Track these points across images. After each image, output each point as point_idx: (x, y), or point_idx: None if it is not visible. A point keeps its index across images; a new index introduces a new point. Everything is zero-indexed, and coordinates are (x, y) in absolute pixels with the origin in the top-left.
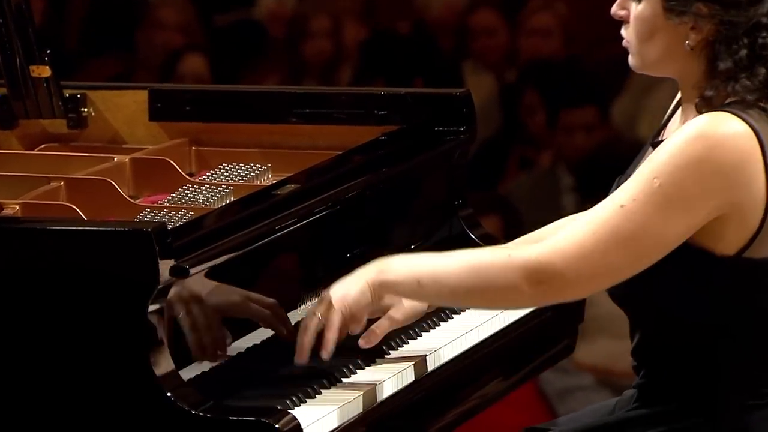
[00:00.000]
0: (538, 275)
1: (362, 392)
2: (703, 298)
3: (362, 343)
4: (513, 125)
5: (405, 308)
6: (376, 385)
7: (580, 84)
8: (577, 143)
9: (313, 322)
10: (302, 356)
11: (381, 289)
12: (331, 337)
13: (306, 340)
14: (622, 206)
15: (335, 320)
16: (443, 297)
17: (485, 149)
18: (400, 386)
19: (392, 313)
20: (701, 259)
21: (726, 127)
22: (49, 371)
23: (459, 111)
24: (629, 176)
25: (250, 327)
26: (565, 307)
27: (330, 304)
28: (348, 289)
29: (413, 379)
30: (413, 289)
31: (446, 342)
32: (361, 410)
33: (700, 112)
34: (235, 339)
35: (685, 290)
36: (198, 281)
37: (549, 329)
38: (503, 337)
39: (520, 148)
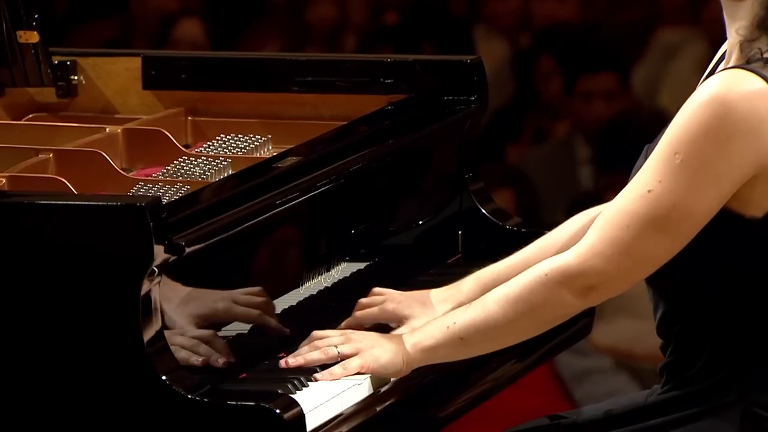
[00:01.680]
0: (583, 283)
1: (367, 377)
2: (729, 264)
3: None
4: (527, 94)
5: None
6: None
7: (598, 49)
8: (595, 112)
9: (330, 354)
10: (289, 366)
11: (419, 361)
12: (339, 377)
13: (308, 360)
14: (649, 191)
15: (352, 369)
16: (492, 343)
17: (497, 119)
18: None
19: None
20: (729, 222)
21: (740, 86)
22: (38, 354)
23: (470, 79)
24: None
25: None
26: None
27: (355, 352)
28: (379, 356)
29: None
30: (456, 347)
31: None
32: (366, 395)
33: (729, 59)
34: (233, 320)
35: (711, 255)
36: (195, 260)
37: None
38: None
39: (534, 118)
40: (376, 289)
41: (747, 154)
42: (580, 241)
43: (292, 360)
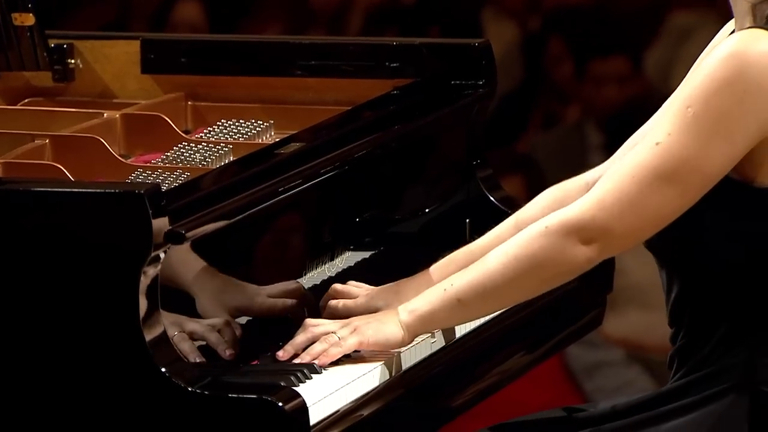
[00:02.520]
0: (584, 234)
1: (373, 368)
2: (740, 235)
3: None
4: (536, 78)
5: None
6: (387, 360)
7: (610, 32)
8: (607, 97)
9: (331, 342)
10: (286, 356)
11: (419, 328)
12: (334, 358)
13: (312, 355)
14: (657, 143)
15: (350, 346)
16: (491, 303)
17: (506, 104)
18: (415, 361)
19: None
20: (738, 191)
21: (760, 44)
22: (35, 347)
23: (478, 63)
24: None
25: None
26: (592, 276)
27: (354, 331)
28: (377, 329)
29: (429, 353)
30: (454, 310)
31: None
32: (371, 388)
33: (741, 28)
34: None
35: (721, 226)
36: (194, 248)
37: (575, 300)
38: (525, 308)
39: (544, 103)
40: (351, 282)
41: (762, 111)
42: (586, 193)
43: (290, 348)
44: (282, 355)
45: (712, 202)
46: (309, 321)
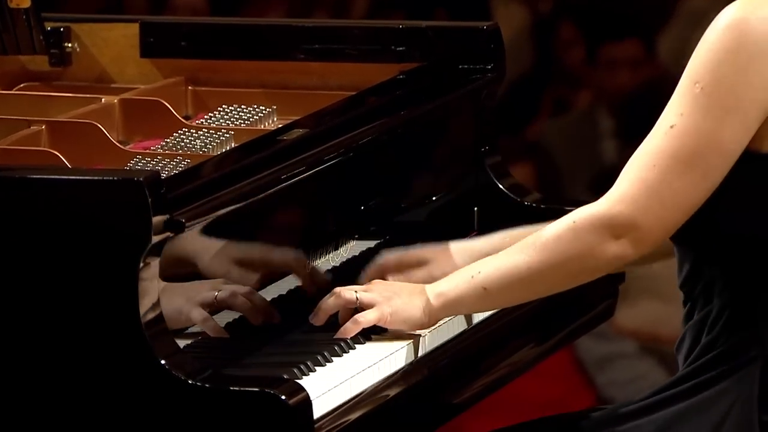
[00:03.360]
0: (612, 230)
1: (377, 361)
2: (750, 206)
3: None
4: (546, 62)
5: (446, 267)
6: (392, 353)
7: (622, 15)
8: (619, 82)
9: (347, 297)
10: (320, 320)
11: (442, 313)
12: (354, 329)
13: (323, 308)
14: (671, 126)
15: (368, 322)
16: (515, 294)
17: (515, 89)
18: (420, 354)
19: (433, 269)
20: (746, 160)
21: (759, 10)
22: (31, 339)
23: (486, 46)
24: None
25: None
26: None
27: (373, 302)
28: (403, 311)
29: (435, 345)
30: (480, 298)
31: None
32: (377, 380)
33: None
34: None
35: (732, 198)
36: (195, 236)
37: (586, 290)
38: (535, 299)
39: (555, 88)
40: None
41: None
42: (612, 187)
43: (314, 318)
44: (315, 322)
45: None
46: (337, 289)
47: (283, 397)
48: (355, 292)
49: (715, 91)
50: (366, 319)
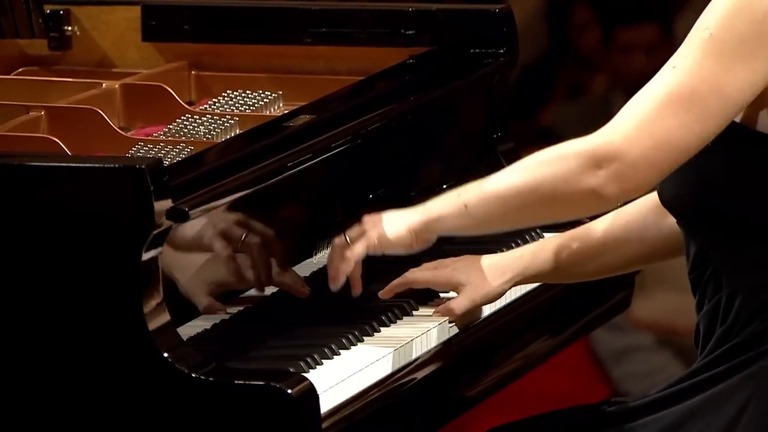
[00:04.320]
0: (595, 159)
1: (386, 354)
2: (755, 192)
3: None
4: (561, 46)
5: (485, 290)
6: (403, 344)
7: None
8: (635, 66)
9: (340, 240)
10: (336, 282)
11: (426, 231)
12: (345, 267)
13: (337, 264)
14: (674, 67)
15: (357, 254)
16: (492, 210)
17: (528, 74)
18: (431, 346)
19: (471, 293)
20: (751, 144)
21: None
22: (31, 330)
23: (498, 30)
24: None
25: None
26: None
27: (361, 230)
28: (388, 230)
29: (447, 338)
30: (461, 216)
31: None
32: (384, 375)
33: None
34: (241, 292)
35: (737, 183)
36: (198, 225)
37: (601, 280)
38: (549, 290)
39: (569, 73)
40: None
41: None
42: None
43: (332, 284)
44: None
45: (722, 148)
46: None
47: (289, 391)
48: (345, 234)
49: (725, 40)
50: (353, 252)
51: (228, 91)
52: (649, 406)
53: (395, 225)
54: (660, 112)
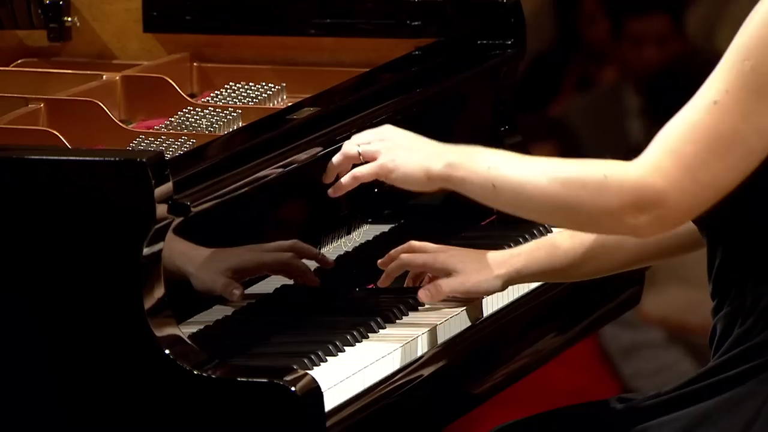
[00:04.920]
0: (639, 200)
1: (392, 350)
2: None
3: (423, 296)
4: (569, 37)
5: (478, 279)
6: (408, 342)
7: None
8: (646, 57)
9: (349, 152)
10: (336, 192)
11: (442, 183)
12: (351, 183)
13: (329, 167)
14: (715, 102)
15: (365, 175)
16: (520, 208)
17: (537, 66)
18: (438, 343)
19: (463, 278)
20: None
21: None
22: (30, 326)
23: (506, 21)
24: None
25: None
26: None
27: (375, 155)
28: (403, 164)
29: (453, 334)
30: (485, 190)
31: None
32: (390, 372)
33: None
34: (244, 287)
35: (764, 187)
36: (200, 220)
37: (611, 276)
38: (557, 286)
39: (578, 65)
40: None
41: None
42: (643, 153)
43: (332, 191)
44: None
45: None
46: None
47: (293, 389)
48: (358, 145)
49: (766, 72)
50: (364, 172)
51: (231, 83)
52: (662, 406)
53: (413, 163)
54: (704, 155)
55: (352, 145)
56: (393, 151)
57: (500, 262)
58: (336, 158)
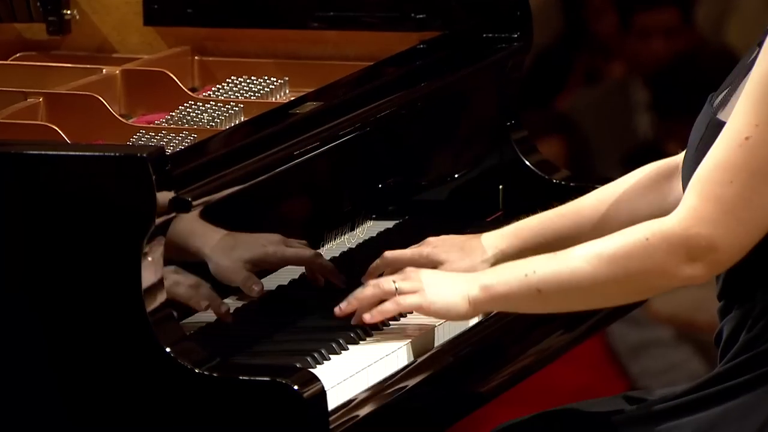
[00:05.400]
0: (689, 252)
1: (397, 348)
2: None
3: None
4: (576, 31)
5: (464, 266)
6: (412, 340)
7: None
8: (654, 51)
9: (385, 288)
10: (344, 312)
11: (488, 306)
12: (388, 314)
13: (360, 299)
14: (746, 138)
15: (407, 306)
16: (572, 302)
17: (543, 60)
18: (443, 341)
19: (449, 267)
20: None
21: None
22: (30, 324)
23: (512, 14)
24: (724, 92)
25: (263, 271)
26: None
27: (414, 290)
28: (442, 295)
29: (458, 332)
30: (532, 299)
31: None
32: (395, 370)
33: None
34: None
35: None
36: (201, 216)
37: None
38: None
39: (585, 58)
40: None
41: None
42: (680, 203)
43: (345, 305)
44: (341, 309)
45: None
46: (380, 280)
47: (296, 388)
48: (394, 282)
49: None
50: (407, 302)
51: (232, 77)
52: (670, 410)
53: (454, 296)
54: (744, 193)
55: (389, 282)
56: (430, 286)
57: (485, 246)
58: (369, 292)
